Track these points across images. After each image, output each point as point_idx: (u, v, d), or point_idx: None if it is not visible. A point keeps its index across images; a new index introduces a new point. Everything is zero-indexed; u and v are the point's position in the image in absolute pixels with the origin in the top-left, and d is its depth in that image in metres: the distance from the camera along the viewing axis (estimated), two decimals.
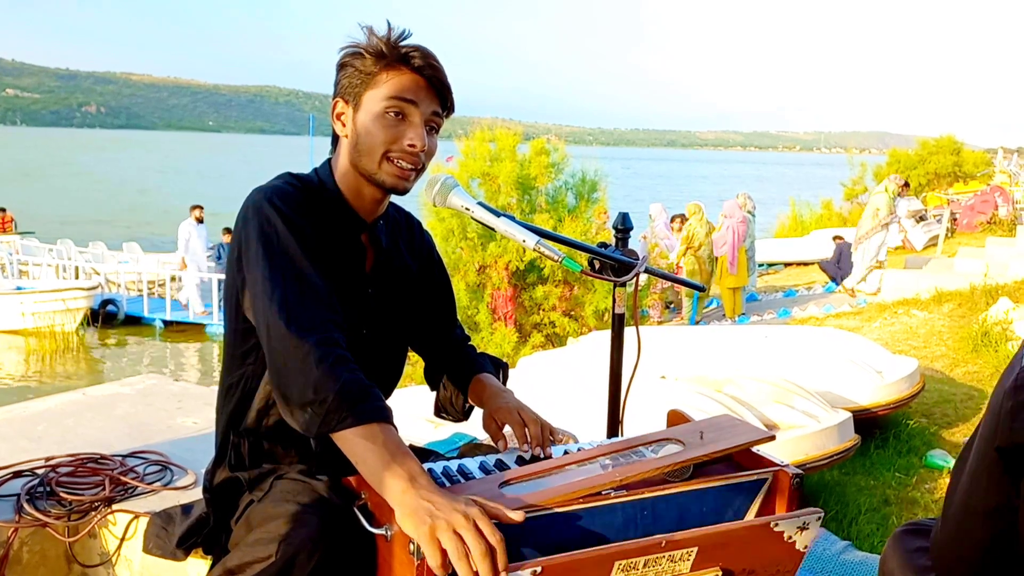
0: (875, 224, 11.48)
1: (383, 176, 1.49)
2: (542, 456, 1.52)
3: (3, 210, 22.06)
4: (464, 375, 1.77)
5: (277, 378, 1.33)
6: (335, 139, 1.57)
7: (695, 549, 1.24)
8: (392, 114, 1.47)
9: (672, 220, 11.91)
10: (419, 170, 1.51)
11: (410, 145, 1.47)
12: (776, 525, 1.30)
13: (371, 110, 1.48)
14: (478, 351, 1.84)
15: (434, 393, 1.85)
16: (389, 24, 1.49)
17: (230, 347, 1.54)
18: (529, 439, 1.56)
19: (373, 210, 1.58)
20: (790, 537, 1.32)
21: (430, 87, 1.49)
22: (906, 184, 12.50)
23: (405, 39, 1.49)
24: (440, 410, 1.84)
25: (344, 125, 1.53)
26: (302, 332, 1.32)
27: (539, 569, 1.13)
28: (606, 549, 1.18)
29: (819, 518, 1.33)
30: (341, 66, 1.52)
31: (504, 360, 1.86)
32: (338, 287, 1.47)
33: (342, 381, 1.29)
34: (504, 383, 1.79)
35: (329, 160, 1.59)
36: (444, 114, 1.54)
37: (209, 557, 1.65)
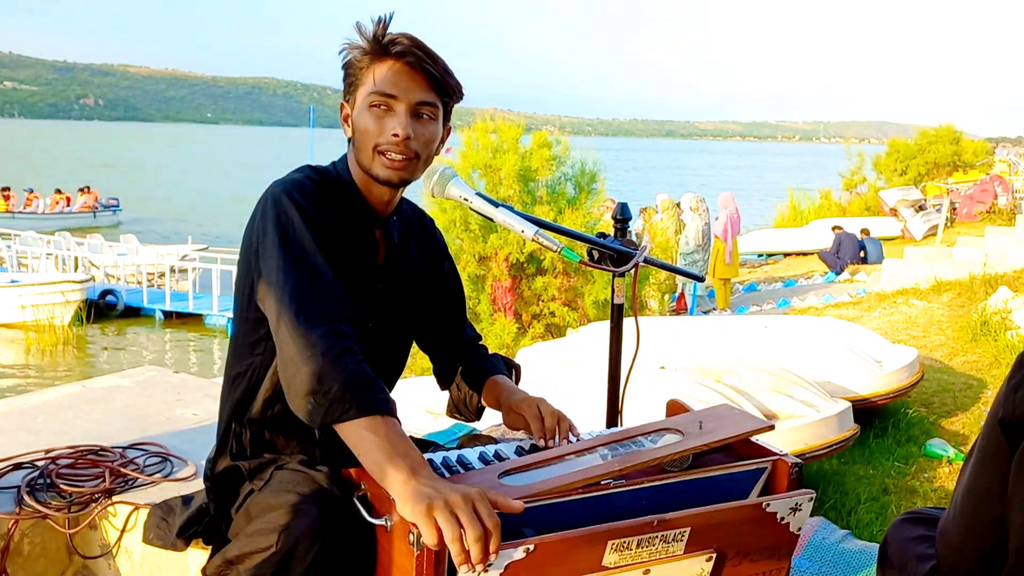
0: None
1: (377, 170, 1.49)
2: (545, 447, 1.52)
3: (58, 191, 24.90)
4: (478, 376, 1.77)
5: (284, 367, 1.34)
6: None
7: (688, 530, 1.24)
8: (376, 107, 1.47)
9: (642, 211, 11.97)
10: (412, 159, 1.49)
11: (393, 135, 1.46)
12: (768, 506, 1.31)
13: (360, 106, 1.49)
14: (490, 352, 1.84)
15: (446, 393, 1.85)
16: (377, 18, 1.47)
17: (239, 336, 1.55)
18: (545, 432, 1.56)
19: (385, 205, 1.58)
20: (783, 518, 1.32)
21: (415, 73, 1.47)
22: None
23: (390, 23, 1.46)
24: (454, 410, 1.84)
25: (349, 125, 1.54)
26: (311, 323, 1.33)
27: (532, 547, 1.14)
28: (599, 528, 1.19)
29: (811, 499, 1.33)
30: (343, 67, 1.52)
31: (516, 361, 1.85)
32: (349, 280, 1.47)
33: (347, 372, 1.30)
34: (517, 384, 1.79)
35: (346, 155, 1.59)
36: (443, 100, 1.53)
37: (209, 548, 1.65)
